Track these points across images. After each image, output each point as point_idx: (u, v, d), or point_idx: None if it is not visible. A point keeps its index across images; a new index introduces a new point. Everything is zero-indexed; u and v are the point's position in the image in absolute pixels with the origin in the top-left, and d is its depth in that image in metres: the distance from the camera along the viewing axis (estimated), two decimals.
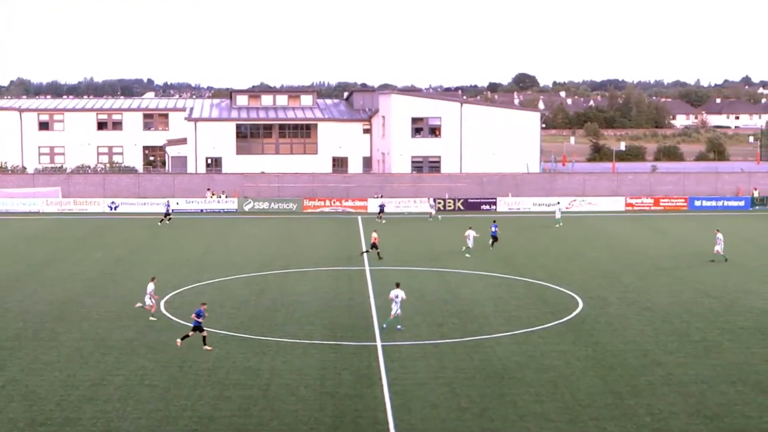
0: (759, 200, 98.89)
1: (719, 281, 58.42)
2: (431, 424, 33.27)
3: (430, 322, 47.72)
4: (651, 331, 46.26)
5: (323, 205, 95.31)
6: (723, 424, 33.47)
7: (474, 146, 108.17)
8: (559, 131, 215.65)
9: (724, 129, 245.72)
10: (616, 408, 35.23)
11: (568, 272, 61.04)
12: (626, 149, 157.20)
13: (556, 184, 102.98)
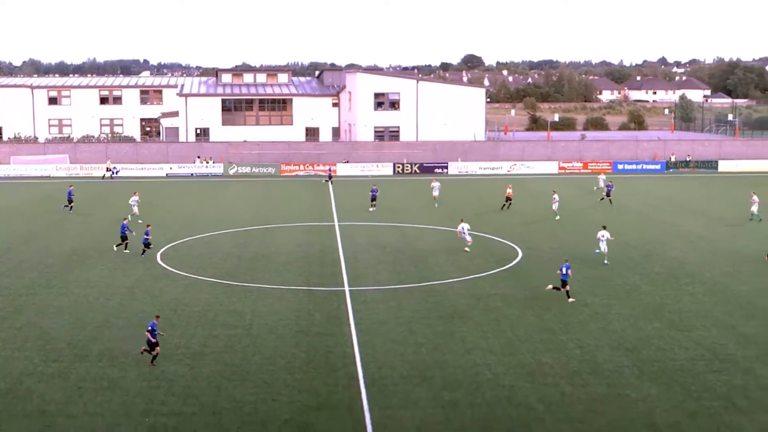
0: (674, 164, 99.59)
1: (638, 234, 58.87)
2: (392, 357, 33.48)
3: (390, 270, 47.87)
4: (580, 277, 46.57)
5: (298, 169, 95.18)
6: (641, 356, 33.89)
7: (428, 118, 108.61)
8: (501, 105, 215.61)
9: (643, 103, 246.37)
10: (550, 342, 35.56)
11: (510, 227, 61.33)
12: (559, 120, 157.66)
13: (499, 151, 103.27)
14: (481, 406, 28.68)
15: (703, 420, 27.78)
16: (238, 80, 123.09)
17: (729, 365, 32.89)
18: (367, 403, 28.90)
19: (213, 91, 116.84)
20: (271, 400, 29.11)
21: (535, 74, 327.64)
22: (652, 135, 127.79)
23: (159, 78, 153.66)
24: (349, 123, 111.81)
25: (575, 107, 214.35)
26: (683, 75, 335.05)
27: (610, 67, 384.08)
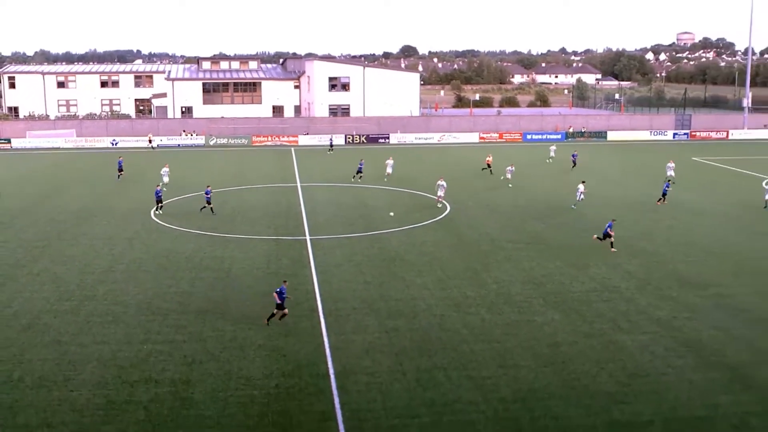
0: (572, 134, 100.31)
1: (543, 190, 59.41)
2: (345, 293, 33.63)
3: (344, 223, 47.87)
4: (498, 227, 47.00)
5: (266, 141, 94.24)
6: (545, 289, 34.38)
7: (373, 97, 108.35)
8: (432, 86, 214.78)
9: (547, 84, 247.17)
10: (473, 279, 35.92)
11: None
12: (479, 99, 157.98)
13: (431, 124, 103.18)
14: (418, 331, 28.96)
15: (595, 339, 28.33)
16: (216, 67, 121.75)
17: (615, 295, 33.50)
18: (325, 329, 29.05)
19: (195, 76, 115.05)
20: (248, 328, 29.13)
21: (459, 61, 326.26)
22: (554, 111, 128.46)
23: (150, 65, 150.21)
24: (309, 102, 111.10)
25: (492, 88, 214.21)
26: (579, 62, 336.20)
27: (521, 56, 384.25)
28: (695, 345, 27.77)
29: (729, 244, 42.81)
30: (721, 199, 55.97)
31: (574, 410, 22.66)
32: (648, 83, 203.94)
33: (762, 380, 24.84)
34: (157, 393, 23.54)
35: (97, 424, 21.65)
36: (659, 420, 22.10)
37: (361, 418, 22.00)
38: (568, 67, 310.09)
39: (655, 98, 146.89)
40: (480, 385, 24.23)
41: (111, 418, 21.97)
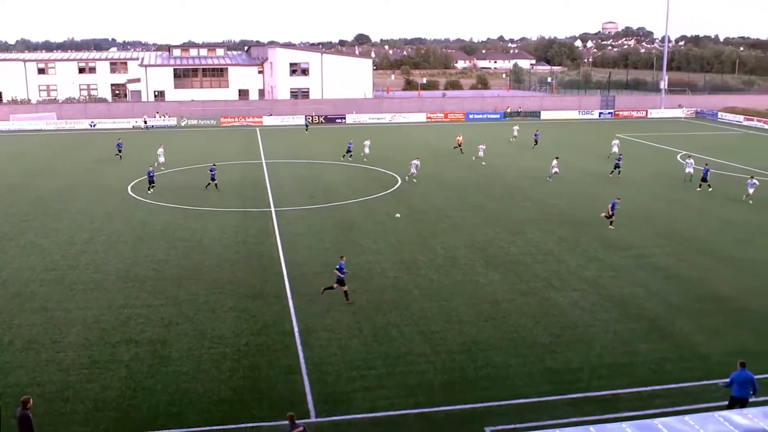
0: (509, 113, 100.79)
1: (486, 165, 59.73)
2: (307, 258, 33.60)
3: (305, 195, 47.68)
4: (443, 197, 47.24)
5: (233, 121, 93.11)
6: (487, 253, 34.72)
7: (331, 81, 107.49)
8: (384, 71, 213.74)
9: (487, 69, 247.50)
10: (423, 245, 36.13)
11: (392, 161, 61.43)
12: (426, 82, 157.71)
13: (383, 105, 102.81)
14: (374, 292, 29.09)
15: (531, 297, 28.74)
16: (185, 54, 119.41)
17: (548, 257, 33.98)
18: (290, 292, 29.04)
19: (167, 63, 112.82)
20: (219, 292, 29.00)
21: (408, 48, 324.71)
22: (493, 93, 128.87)
23: (125, 52, 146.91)
24: (271, 86, 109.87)
25: (438, 73, 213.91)
26: (516, 49, 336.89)
27: (463, 43, 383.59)
28: (618, 300, 28.34)
29: (648, 210, 43.59)
30: (642, 171, 56.84)
31: (513, 359, 23.03)
32: (577, 68, 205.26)
33: (676, 330, 25.48)
34: (137, 352, 23.38)
35: (83, 382, 21.46)
36: (587, 367, 22.57)
37: (323, 371, 22.11)
38: (506, 54, 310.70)
39: (583, 81, 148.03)
40: (429, 339, 24.48)
41: (95, 377, 21.79)
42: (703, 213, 43.04)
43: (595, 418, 18.86)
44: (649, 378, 21.83)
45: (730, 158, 60.68)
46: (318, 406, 19.99)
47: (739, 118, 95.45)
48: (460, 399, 20.51)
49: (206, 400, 20.41)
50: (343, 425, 19.09)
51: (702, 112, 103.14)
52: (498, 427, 18.78)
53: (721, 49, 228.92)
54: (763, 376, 21.67)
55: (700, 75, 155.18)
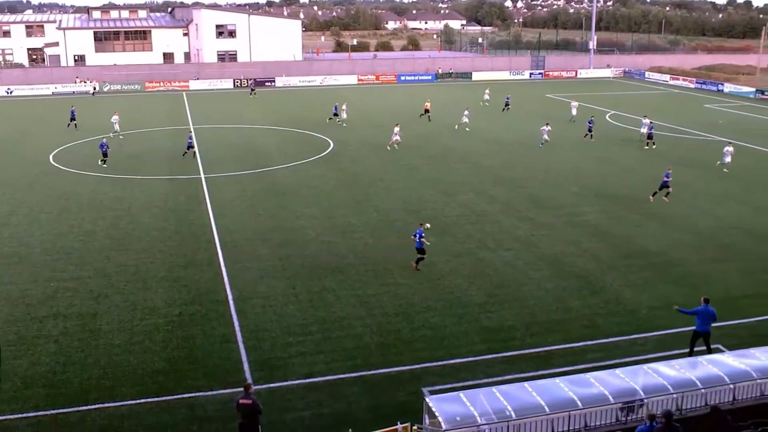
0: (441, 75, 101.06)
1: (419, 129, 59.87)
2: (239, 225, 33.32)
3: (235, 161, 47.07)
4: (378, 161, 47.29)
5: (159, 86, 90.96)
6: (422, 215, 34.92)
7: (259, 43, 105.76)
8: (313, 33, 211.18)
9: (418, 30, 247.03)
10: (356, 208, 36.20)
11: (323, 125, 61.13)
12: (357, 44, 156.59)
13: (313, 68, 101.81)
14: (308, 257, 29.08)
15: (466, 257, 29.16)
16: (106, 16, 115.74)
17: (482, 218, 34.46)
18: (222, 259, 28.79)
19: (86, 25, 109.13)
20: (149, 262, 28.56)
21: (338, 9, 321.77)
22: (425, 54, 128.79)
23: (41, 15, 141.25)
24: (197, 48, 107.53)
25: (368, 34, 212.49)
26: (446, 9, 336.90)
27: (393, 4, 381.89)
28: (550, 258, 29.00)
29: (578, 170, 44.53)
30: (572, 130, 57.85)
31: (449, 319, 23.41)
32: (507, 28, 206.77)
33: (606, 286, 26.26)
34: (66, 327, 22.90)
35: (10, 359, 20.93)
36: (521, 324, 23.10)
37: (259, 338, 22.09)
38: (437, 14, 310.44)
39: (514, 42, 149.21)
40: (365, 303, 24.66)
41: (23, 353, 21.27)
42: (632, 171, 44.17)
43: (530, 375, 19.36)
44: (581, 333, 22.49)
45: (658, 117, 62.15)
46: (255, 374, 19.99)
47: (665, 77, 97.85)
48: (397, 361, 20.78)
49: (140, 372, 20.19)
50: (281, 392, 19.17)
51: (630, 72, 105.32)
52: (435, 387, 19.12)
53: (648, 9, 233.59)
54: (686, 328, 22.57)
55: (628, 35, 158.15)
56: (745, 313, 23.56)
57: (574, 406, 15.34)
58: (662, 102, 76.72)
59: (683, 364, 17.26)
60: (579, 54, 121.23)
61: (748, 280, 26.89)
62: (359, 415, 18.07)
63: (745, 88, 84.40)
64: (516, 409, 15.09)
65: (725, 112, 70.18)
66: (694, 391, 16.08)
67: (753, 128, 60.13)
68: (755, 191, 39.64)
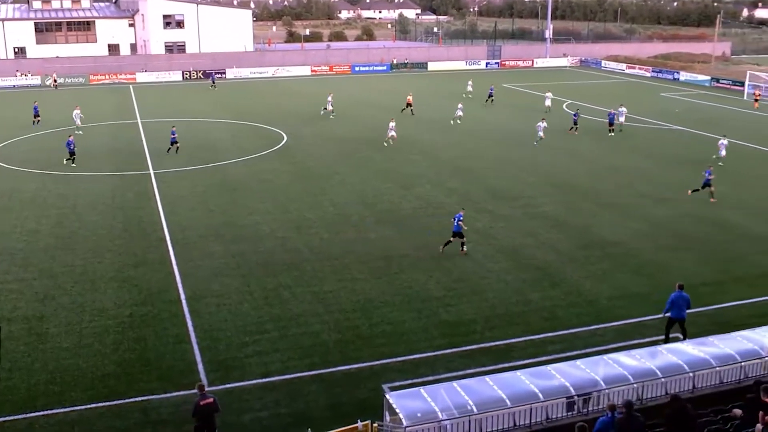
0: (396, 65, 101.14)
1: (371, 119, 59.86)
2: (191, 222, 33.00)
3: (186, 155, 46.48)
4: (332, 153, 47.21)
5: (104, 79, 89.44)
6: (378, 208, 35.05)
7: (208, 34, 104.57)
8: (264, 23, 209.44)
9: (372, 19, 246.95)
10: (311, 202, 36.10)
11: (275, 117, 60.73)
12: (310, 34, 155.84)
13: (265, 59, 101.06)
14: (263, 253, 28.94)
15: (423, 251, 29.28)
16: (47, 6, 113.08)
17: (440, 210, 34.62)
18: (174, 257, 28.49)
19: (26, 16, 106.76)
20: (97, 262, 28.13)
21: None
22: (379, 44, 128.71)
23: None
24: (144, 40, 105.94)
25: (321, 24, 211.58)
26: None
27: None
28: (509, 250, 29.28)
29: (536, 160, 45.00)
30: (529, 121, 58.42)
31: (408, 314, 23.50)
32: (462, 17, 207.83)
33: (566, 277, 26.62)
34: (12, 330, 22.43)
35: None
36: (481, 318, 23.30)
37: (213, 338, 21.92)
38: (391, 3, 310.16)
39: (469, 31, 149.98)
40: (322, 299, 24.63)
41: None
42: (587, 161, 44.79)
43: (491, 368, 19.55)
44: (541, 325, 22.77)
45: (614, 106, 63.02)
46: (210, 375, 19.84)
47: (621, 66, 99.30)
48: (356, 357, 20.81)
49: (90, 376, 19.90)
50: (237, 392, 19.06)
51: (586, 61, 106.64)
52: (395, 383, 19.19)
53: None
54: (645, 318, 23.03)
55: (584, 23, 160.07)
56: (704, 301, 24.07)
57: (536, 398, 15.54)
58: (619, 91, 77.84)
59: (643, 354, 17.59)
60: (535, 43, 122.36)
61: (705, 268, 27.49)
62: (318, 414, 18.06)
63: (701, 77, 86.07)
64: (477, 403, 15.23)
65: (681, 100, 71.51)
66: (654, 380, 16.40)
67: (708, 116, 61.37)
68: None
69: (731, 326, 21.06)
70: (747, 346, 17.87)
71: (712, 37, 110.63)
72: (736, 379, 17.14)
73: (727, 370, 17.11)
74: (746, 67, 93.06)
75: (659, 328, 21.71)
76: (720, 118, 61.06)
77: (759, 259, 28.39)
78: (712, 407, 15.62)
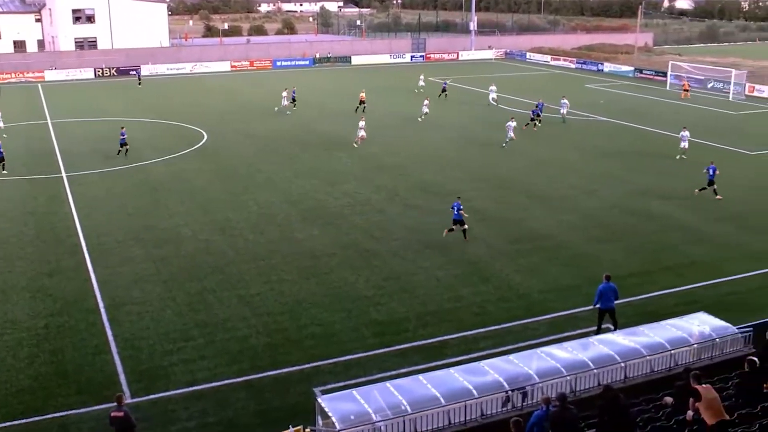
0: (319, 59, 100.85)
1: (295, 115, 59.56)
2: (109, 226, 32.28)
3: (101, 157, 45.39)
4: (255, 151, 46.80)
5: (10, 78, 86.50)
6: (303, 206, 34.92)
7: (121, 29, 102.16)
8: (180, 17, 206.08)
9: (293, 12, 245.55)
10: (234, 202, 35.75)
11: (195, 115, 59.79)
12: (228, 28, 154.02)
13: (182, 54, 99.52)
14: (185, 257, 28.51)
15: (351, 250, 29.32)
16: None
17: (367, 208, 34.72)
18: (91, 264, 27.82)
19: None
20: (8, 271, 27.25)
21: None
22: (301, 38, 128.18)
23: None
24: (52, 35, 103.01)
25: (240, 17, 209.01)
26: None
27: None
28: (439, 246, 29.54)
29: (465, 154, 45.53)
30: (455, 114, 59.01)
31: (338, 315, 23.49)
32: (386, 10, 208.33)
33: (497, 271, 27.03)
34: None
35: None
36: (412, 315, 23.46)
37: (135, 347, 21.49)
38: None
39: (393, 24, 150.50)
40: (249, 302, 24.41)
41: None
42: (517, 154, 45.53)
43: (424, 367, 19.69)
44: (473, 321, 23.06)
45: (541, 98, 64.16)
46: (133, 386, 19.45)
47: (546, 57, 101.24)
48: (286, 361, 20.70)
49: (2, 392, 19.26)
50: (163, 402, 18.74)
51: (511, 53, 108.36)
52: (327, 386, 19.17)
53: None
54: (577, 310, 23.57)
55: (508, 15, 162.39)
56: (632, 291, 24.77)
57: (470, 395, 15.74)
58: (544, 82, 79.35)
59: (575, 346, 17.99)
60: (460, 35, 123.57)
61: (632, 258, 28.29)
62: (248, 421, 17.92)
63: (624, 68, 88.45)
64: (411, 402, 15.34)
65: (606, 91, 73.33)
66: (587, 371, 16.81)
67: (632, 107, 63.11)
68: (636, 170, 41.64)
69: (659, 315, 21.75)
70: (676, 334, 18.48)
71: (635, 28, 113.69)
72: (667, 367, 17.70)
73: (658, 359, 17.66)
74: (668, 57, 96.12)
75: (591, 319, 22.26)
76: (643, 108, 62.84)
77: (686, 249, 29.36)
78: (644, 396, 16.08)
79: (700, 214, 33.70)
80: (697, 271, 26.99)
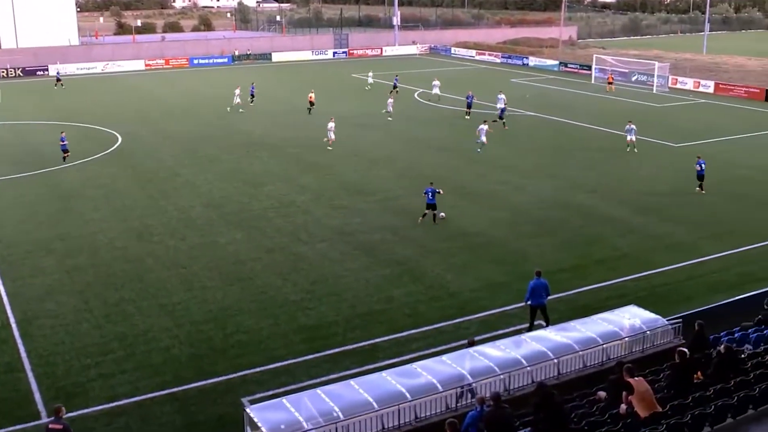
0: (238, 57, 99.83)
1: (213, 116, 58.86)
2: (17, 236, 31.33)
3: (9, 162, 43.99)
4: (173, 154, 46.06)
5: None
6: (225, 210, 34.53)
7: (26, 26, 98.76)
8: (90, 13, 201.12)
9: (210, 8, 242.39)
10: (153, 207, 35.14)
11: (108, 117, 58.44)
12: (142, 25, 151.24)
13: (93, 53, 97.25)
14: (101, 266, 27.87)
15: (278, 253, 29.12)
16: None
17: (292, 209, 34.54)
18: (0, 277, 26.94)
19: None
20: None
21: None
22: (219, 35, 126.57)
23: None
24: None
25: (154, 14, 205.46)
26: None
27: None
28: (367, 247, 29.59)
29: (390, 152, 45.68)
30: (380, 112, 59.13)
31: (265, 321, 23.30)
32: (306, 4, 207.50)
33: (427, 271, 27.20)
34: None
35: None
36: (342, 319, 23.43)
37: (50, 363, 20.89)
38: None
39: (314, 19, 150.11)
40: (171, 312, 24.00)
41: None
42: (443, 151, 45.93)
43: (356, 371, 19.68)
44: (404, 322, 23.15)
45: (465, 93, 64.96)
46: (49, 404, 18.88)
47: (471, 52, 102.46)
48: (212, 371, 20.42)
49: None
50: (81, 420, 18.26)
51: (436, 48, 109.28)
52: (255, 395, 18.98)
53: None
54: (511, 307, 23.90)
55: (432, 10, 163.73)
56: (563, 286, 25.25)
57: (403, 398, 15.80)
58: (470, 77, 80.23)
59: (508, 344, 18.24)
60: (383, 30, 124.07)
61: (562, 253, 28.85)
62: None
63: (549, 61, 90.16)
64: (343, 408, 15.31)
65: (531, 85, 74.59)
66: (520, 369, 17.06)
67: (558, 101, 64.36)
68: (563, 165, 42.49)
69: (591, 309, 22.25)
70: (607, 328, 18.91)
71: (559, 21, 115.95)
72: (599, 362, 18.10)
73: (590, 354, 18.04)
74: (592, 50, 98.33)
75: (522, 316, 22.61)
76: (568, 101, 64.15)
77: (616, 242, 30.09)
78: (577, 391, 16.40)
79: (626, 206, 34.59)
80: (627, 263, 27.69)
